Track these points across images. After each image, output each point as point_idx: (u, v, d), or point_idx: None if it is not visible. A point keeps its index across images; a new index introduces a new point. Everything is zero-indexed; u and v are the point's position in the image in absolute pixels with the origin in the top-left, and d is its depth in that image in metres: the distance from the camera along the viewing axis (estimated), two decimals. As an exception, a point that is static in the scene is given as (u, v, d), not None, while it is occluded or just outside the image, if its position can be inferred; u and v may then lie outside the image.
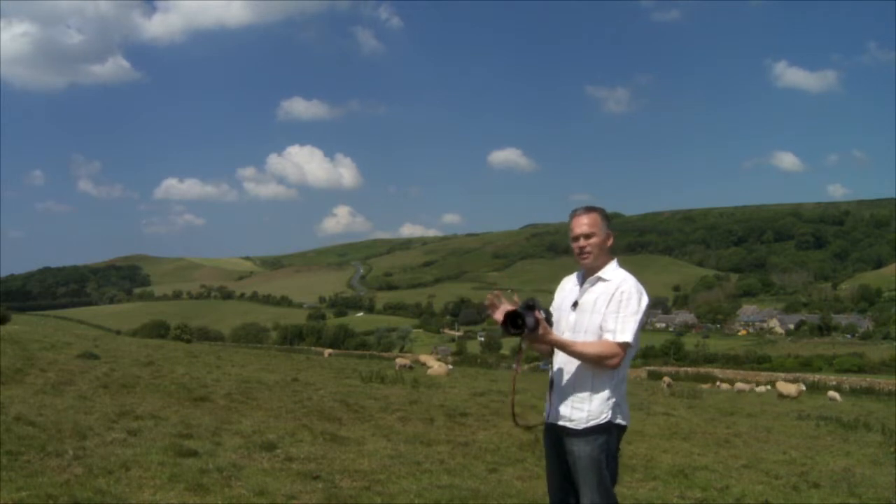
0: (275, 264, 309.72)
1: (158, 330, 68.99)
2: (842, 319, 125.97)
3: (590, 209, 3.33)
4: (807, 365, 66.36)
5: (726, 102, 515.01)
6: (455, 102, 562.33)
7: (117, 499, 4.43)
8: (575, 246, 3.31)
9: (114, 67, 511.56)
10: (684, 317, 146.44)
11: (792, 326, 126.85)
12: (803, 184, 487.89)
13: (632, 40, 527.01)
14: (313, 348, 64.04)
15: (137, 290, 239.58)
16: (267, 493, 4.82)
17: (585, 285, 3.30)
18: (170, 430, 6.79)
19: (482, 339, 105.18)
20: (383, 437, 7.50)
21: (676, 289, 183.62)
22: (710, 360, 74.22)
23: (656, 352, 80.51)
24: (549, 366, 3.38)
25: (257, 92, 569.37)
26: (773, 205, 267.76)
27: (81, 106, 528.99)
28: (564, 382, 3.24)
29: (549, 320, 3.16)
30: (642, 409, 12.71)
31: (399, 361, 22.27)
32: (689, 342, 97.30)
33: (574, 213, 3.34)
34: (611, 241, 3.31)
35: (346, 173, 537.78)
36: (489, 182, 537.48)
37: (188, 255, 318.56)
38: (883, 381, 40.44)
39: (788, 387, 21.78)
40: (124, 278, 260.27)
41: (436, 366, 21.50)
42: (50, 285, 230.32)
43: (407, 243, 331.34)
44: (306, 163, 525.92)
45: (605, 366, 3.13)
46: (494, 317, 3.14)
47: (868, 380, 43.58)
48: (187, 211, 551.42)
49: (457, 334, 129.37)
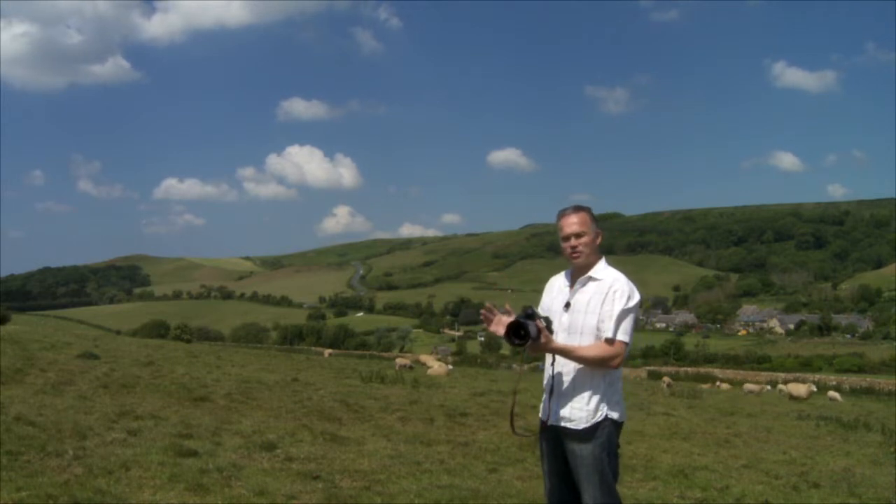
0: (275, 264, 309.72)
1: (158, 330, 68.94)
2: (842, 319, 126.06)
3: (578, 208, 3.34)
4: (807, 365, 66.43)
5: (726, 102, 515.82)
6: (455, 102, 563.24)
7: (117, 499, 4.43)
8: (566, 246, 3.32)
9: (113, 67, 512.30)
10: (684, 317, 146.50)
11: (792, 326, 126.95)
12: (803, 184, 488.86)
13: (631, 40, 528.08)
14: (313, 348, 64.08)
15: (137, 290, 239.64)
16: (267, 493, 4.82)
17: (576, 286, 3.31)
18: (170, 430, 6.79)
19: (482, 339, 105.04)
20: (383, 437, 7.50)
21: (676, 289, 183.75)
22: (710, 360, 74.26)
23: (656, 352, 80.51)
24: (547, 367, 3.39)
25: (257, 92, 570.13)
26: (773, 205, 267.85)
27: (81, 106, 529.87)
28: (562, 384, 3.26)
29: (549, 328, 3.17)
30: (642, 409, 12.70)
31: (399, 361, 22.25)
32: (689, 342, 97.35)
33: (562, 213, 3.34)
34: (599, 240, 3.33)
35: (345, 173, 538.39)
36: (489, 182, 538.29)
37: (188, 255, 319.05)
38: (883, 381, 40.47)
39: (799, 387, 21.59)
40: (124, 278, 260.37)
41: (436, 366, 21.50)
42: (50, 285, 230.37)
43: (407, 243, 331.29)
44: (306, 163, 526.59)
45: (606, 367, 3.18)
46: (491, 329, 3.18)
47: (868, 380, 43.62)
48: (187, 211, 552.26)
49: (457, 334, 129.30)
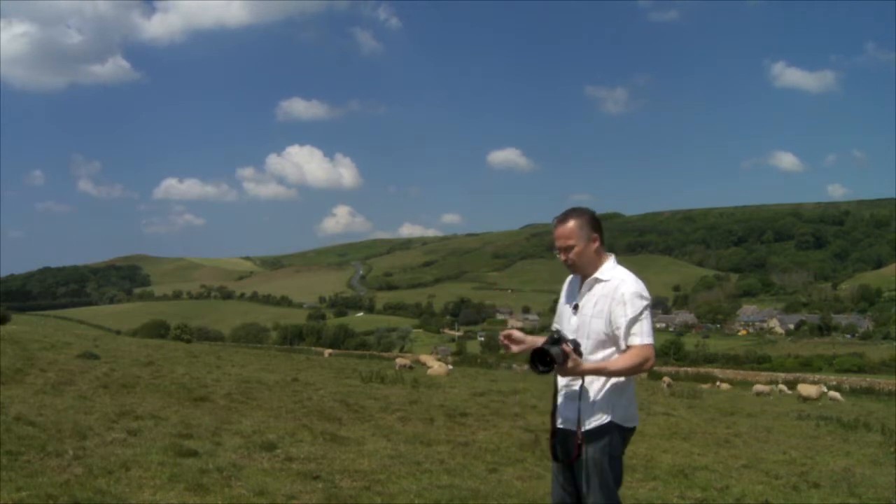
0: (275, 264, 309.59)
1: (158, 330, 68.86)
2: (842, 319, 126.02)
3: (566, 218, 3.24)
4: (807, 365, 66.49)
5: (725, 102, 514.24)
6: (455, 102, 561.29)
7: (117, 499, 4.43)
8: (559, 257, 3.31)
9: (113, 67, 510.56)
10: (684, 317, 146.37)
11: (792, 326, 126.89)
12: (803, 184, 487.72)
13: (631, 40, 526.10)
14: (313, 348, 64.10)
15: (137, 290, 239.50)
16: (267, 493, 4.82)
17: (584, 288, 3.30)
18: (170, 430, 6.78)
19: (482, 339, 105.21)
20: (383, 437, 7.50)
21: (676, 289, 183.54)
22: (710, 360, 74.30)
23: (656, 352, 79.84)
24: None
25: (257, 92, 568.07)
26: (773, 205, 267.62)
27: (81, 106, 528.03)
28: (570, 387, 3.25)
29: (577, 350, 3.11)
30: (642, 409, 12.68)
31: (399, 361, 22.25)
32: (689, 342, 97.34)
33: (554, 223, 3.28)
34: (596, 244, 3.24)
35: (345, 173, 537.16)
36: (489, 182, 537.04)
37: (188, 255, 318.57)
38: (883, 381, 40.50)
39: (809, 388, 21.34)
40: (124, 278, 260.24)
41: (436, 366, 21.49)
42: (50, 285, 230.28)
43: (407, 243, 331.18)
44: (306, 163, 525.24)
45: (640, 372, 3.26)
46: (511, 350, 3.27)
47: (868, 380, 43.66)
48: (187, 211, 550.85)
49: (457, 334, 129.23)
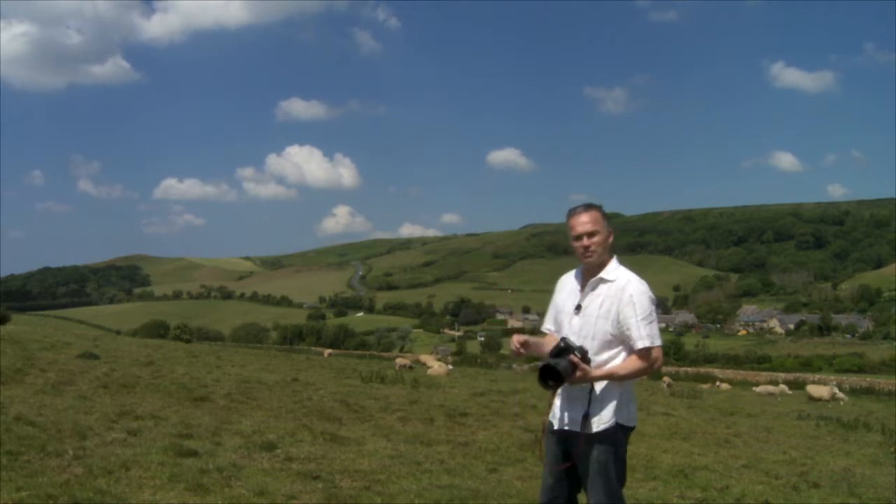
0: (275, 264, 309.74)
1: (158, 330, 68.81)
2: (842, 319, 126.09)
3: (589, 206, 3.24)
4: (807, 365, 66.38)
5: (725, 102, 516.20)
6: (455, 102, 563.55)
7: (117, 499, 4.43)
8: (578, 245, 3.22)
9: (113, 68, 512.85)
10: (684, 317, 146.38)
11: (792, 326, 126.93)
12: (803, 184, 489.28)
13: (630, 41, 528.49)
14: (313, 348, 63.99)
15: (137, 290, 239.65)
16: (267, 493, 4.82)
17: (587, 288, 3.25)
18: (170, 430, 6.78)
19: (482, 339, 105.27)
20: (383, 437, 7.50)
21: (676, 289, 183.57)
22: (710, 360, 74.13)
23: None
24: None
25: (256, 92, 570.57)
26: (773, 205, 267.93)
27: (81, 106, 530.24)
28: (574, 389, 3.21)
29: (585, 358, 3.08)
30: (642, 409, 12.69)
31: (399, 361, 22.23)
32: (689, 342, 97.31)
33: (573, 212, 3.24)
34: (612, 239, 3.26)
35: (345, 173, 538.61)
36: (489, 182, 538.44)
37: (188, 255, 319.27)
38: (883, 381, 40.39)
39: (820, 389, 20.77)
40: (124, 278, 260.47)
41: (436, 366, 21.47)
42: (50, 285, 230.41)
43: (407, 243, 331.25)
44: (305, 163, 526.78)
45: (649, 373, 3.28)
46: (522, 355, 3.28)
47: (868, 380, 43.53)
48: (187, 211, 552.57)
49: (457, 334, 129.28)
